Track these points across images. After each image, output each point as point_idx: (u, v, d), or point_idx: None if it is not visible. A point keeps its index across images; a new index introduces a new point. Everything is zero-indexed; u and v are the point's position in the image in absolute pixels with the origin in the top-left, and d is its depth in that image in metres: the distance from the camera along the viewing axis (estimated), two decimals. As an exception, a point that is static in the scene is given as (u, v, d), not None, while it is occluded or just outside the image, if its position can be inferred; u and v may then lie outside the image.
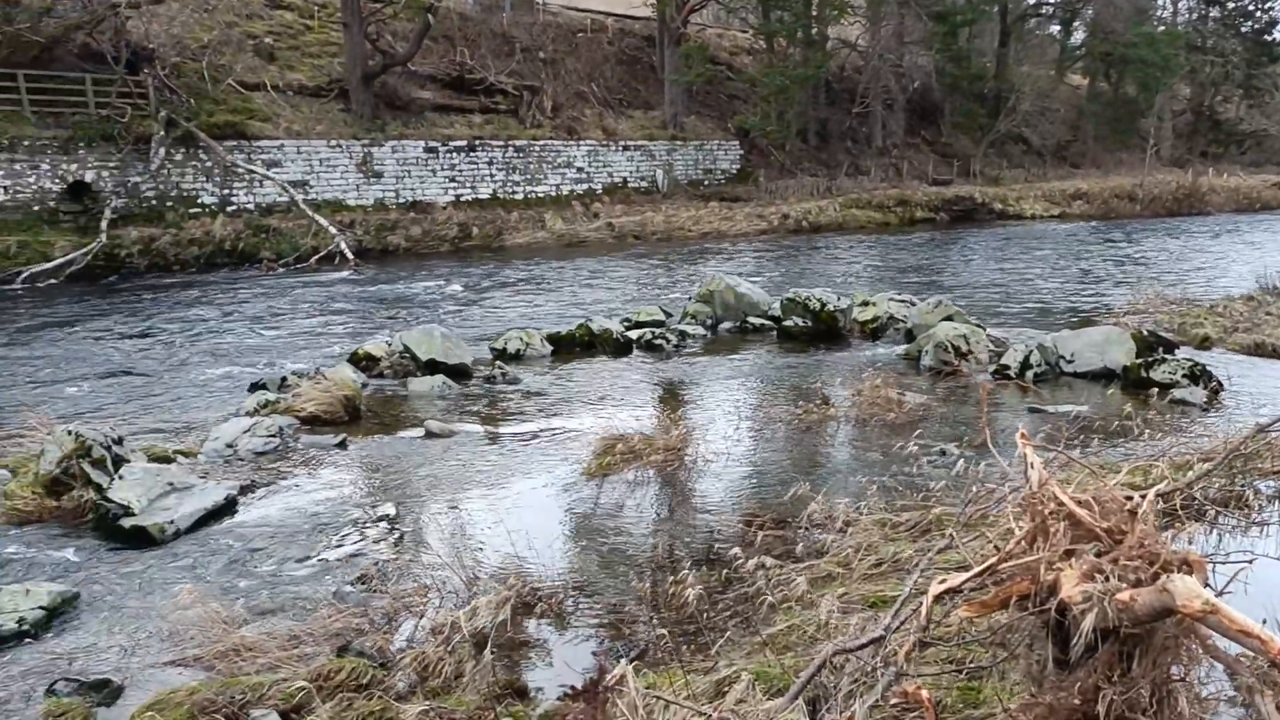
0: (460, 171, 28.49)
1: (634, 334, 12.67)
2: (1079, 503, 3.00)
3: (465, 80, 30.34)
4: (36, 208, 20.84)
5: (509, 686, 4.08)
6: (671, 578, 5.21)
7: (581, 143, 31.67)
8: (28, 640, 5.04)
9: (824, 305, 12.98)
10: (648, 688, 3.31)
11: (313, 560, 6.00)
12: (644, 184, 33.27)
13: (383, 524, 6.63)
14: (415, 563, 5.85)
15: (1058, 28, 52.23)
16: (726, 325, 13.68)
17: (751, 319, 13.61)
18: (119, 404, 10.72)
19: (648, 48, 37.64)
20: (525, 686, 4.17)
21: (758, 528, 6.00)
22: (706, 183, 35.04)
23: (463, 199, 28.26)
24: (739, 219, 30.02)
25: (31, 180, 20.86)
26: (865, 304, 13.73)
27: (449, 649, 4.13)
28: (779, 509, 6.41)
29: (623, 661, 3.20)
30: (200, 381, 11.75)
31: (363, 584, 5.56)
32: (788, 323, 13.07)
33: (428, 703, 3.85)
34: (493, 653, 4.19)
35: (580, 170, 31.64)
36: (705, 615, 4.74)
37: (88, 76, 21.92)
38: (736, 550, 5.43)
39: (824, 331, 12.85)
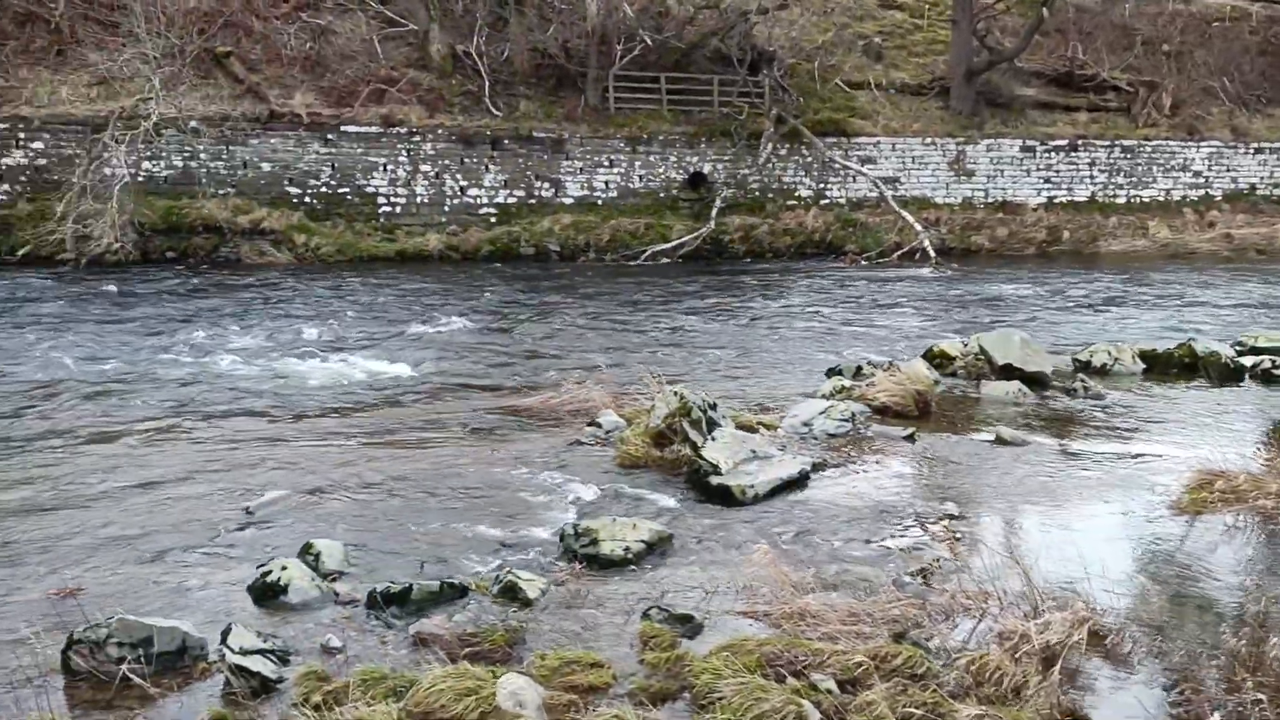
0: (1057, 172, 27.09)
1: (1248, 360, 11.15)
2: None
3: (1074, 76, 28.69)
4: (662, 195, 23.72)
5: (1069, 712, 3.89)
6: (1276, 640, 4.56)
7: (1203, 143, 28.40)
8: (630, 568, 5.84)
9: None
10: (1237, 754, 2.96)
11: (874, 545, 6.19)
12: (1278, 191, 28.96)
13: (944, 522, 6.63)
14: (974, 566, 5.77)
15: None
16: (1374, 362, 11.49)
17: None
18: (710, 371, 11.89)
19: (1303, 35, 32.55)
20: (1087, 716, 3.95)
21: (1398, 605, 5.02)
22: (1363, 193, 29.53)
23: (1055, 201, 26.86)
24: (1406, 238, 24.96)
25: (661, 171, 23.77)
26: None
27: (1014, 659, 4.04)
28: None
29: (1217, 716, 2.90)
30: (779, 361, 12.60)
31: (921, 577, 5.62)
32: None
33: (983, 708, 3.81)
34: (1061, 674, 4.02)
35: (1197, 174, 28.42)
36: (1315, 692, 4.09)
37: (715, 78, 24.37)
38: (1367, 626, 4.60)
39: None
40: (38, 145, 19.84)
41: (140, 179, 19.65)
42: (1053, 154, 26.99)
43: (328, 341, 13.23)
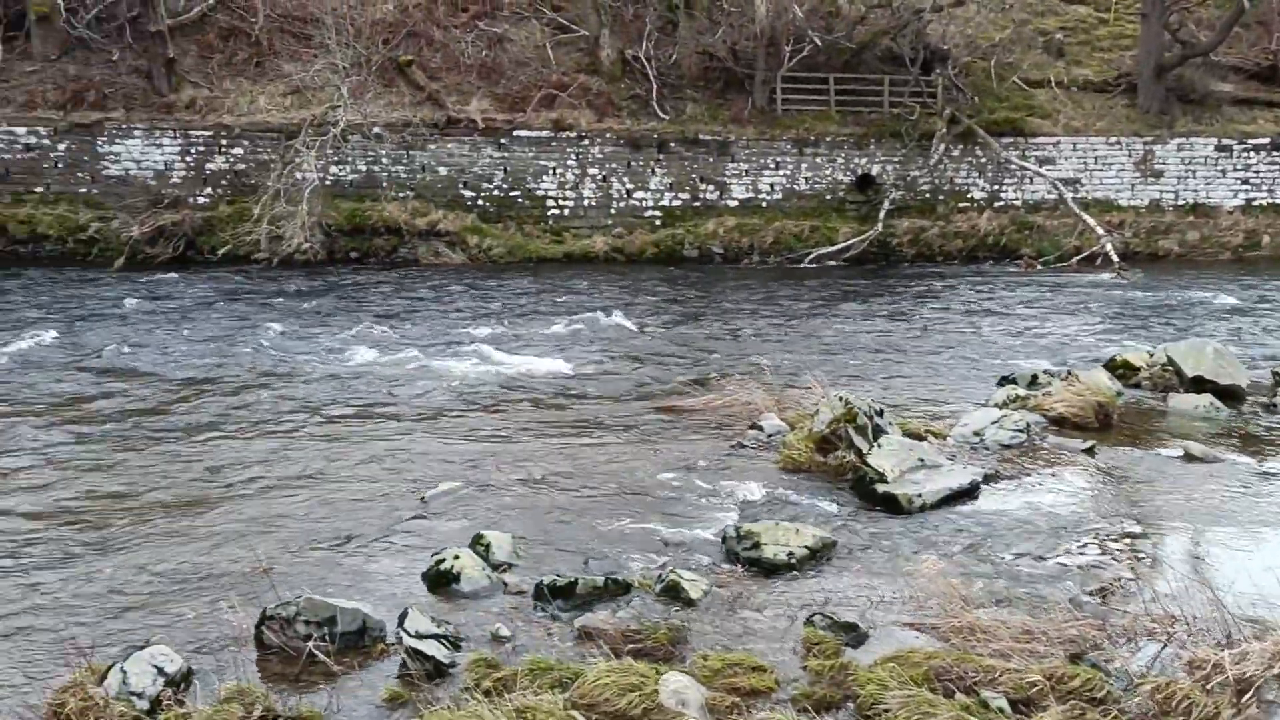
0: (1256, 172, 25.32)
1: None
2: None
3: (1277, 70, 26.75)
4: (828, 197, 23.41)
5: (1267, 751, 3.64)
6: None
7: None
8: (793, 573, 5.80)
9: None
10: None
11: (1049, 561, 5.94)
12: None
13: (1125, 540, 6.32)
14: (1159, 588, 5.46)
15: None
16: None
17: None
18: (876, 377, 11.66)
19: None
20: (1288, 757, 3.69)
21: None
22: None
23: (1254, 203, 25.11)
24: None
25: (828, 172, 23.46)
26: None
27: (1205, 689, 3.81)
28: None
29: None
30: (948, 368, 12.26)
31: (1101, 597, 5.37)
32: None
33: (1169, 738, 3.62)
34: (1258, 708, 3.77)
35: None
36: None
37: (886, 78, 23.88)
38: None
39: None
40: (237, 151, 21.22)
41: (328, 183, 20.74)
42: (1251, 153, 25.24)
43: (496, 340, 13.64)
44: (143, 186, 20.68)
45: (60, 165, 20.68)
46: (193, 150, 21.14)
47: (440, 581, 5.62)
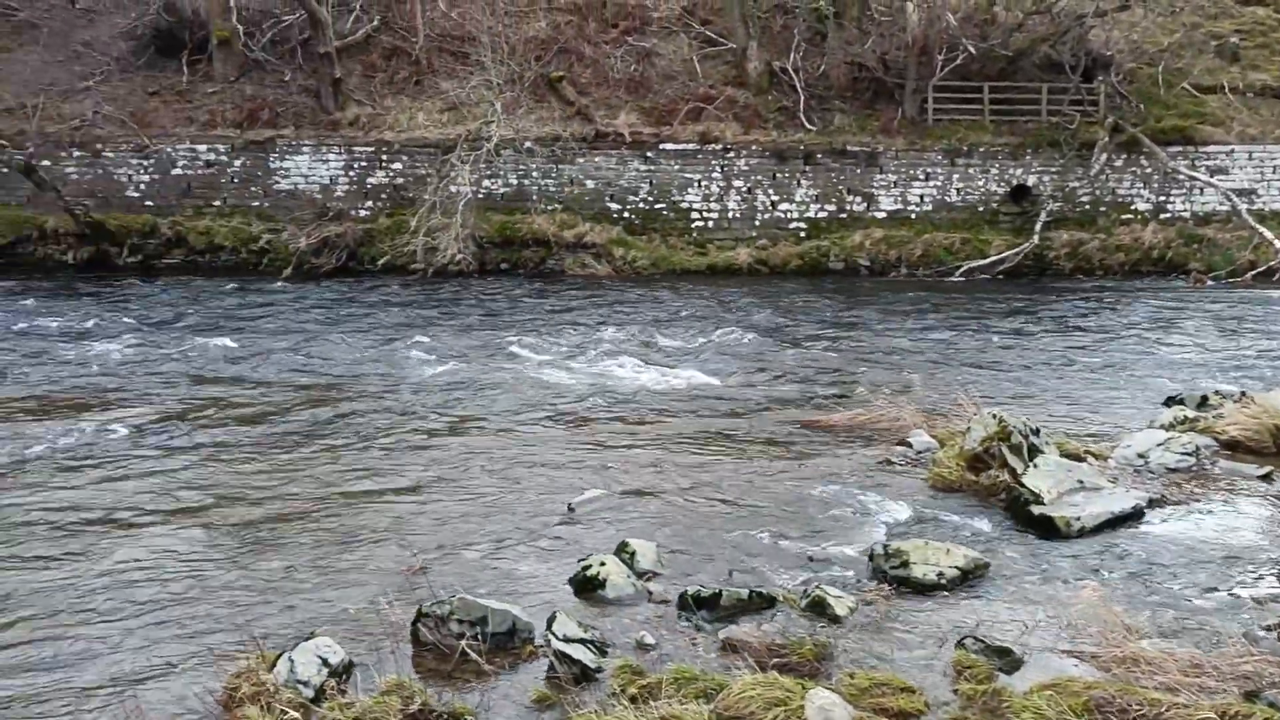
0: None
1: None
2: None
3: None
4: (980, 208, 22.74)
5: None
6: None
7: None
8: (943, 593, 5.66)
9: None
10: None
11: (1221, 593, 5.62)
12: None
13: (1307, 574, 5.92)
14: (1345, 628, 5.11)
15: None
16: None
17: None
18: (1030, 395, 11.27)
19: None
20: None
21: None
22: None
23: None
24: None
25: (980, 184, 22.80)
26: None
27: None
28: None
29: None
30: (1109, 387, 11.75)
31: (1279, 632, 5.04)
32: None
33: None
34: None
35: None
36: None
37: (1044, 86, 23.08)
38: None
39: None
40: (397, 166, 22.10)
41: (480, 196, 21.35)
42: None
43: (639, 351, 13.77)
44: (309, 200, 21.76)
45: (236, 180, 21.96)
46: (356, 165, 22.12)
47: (586, 587, 5.71)
